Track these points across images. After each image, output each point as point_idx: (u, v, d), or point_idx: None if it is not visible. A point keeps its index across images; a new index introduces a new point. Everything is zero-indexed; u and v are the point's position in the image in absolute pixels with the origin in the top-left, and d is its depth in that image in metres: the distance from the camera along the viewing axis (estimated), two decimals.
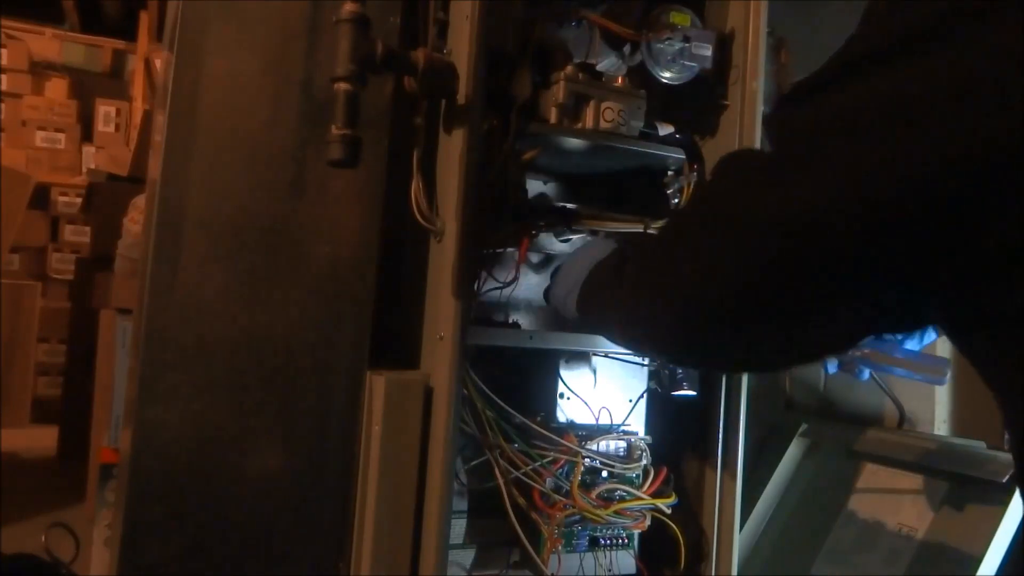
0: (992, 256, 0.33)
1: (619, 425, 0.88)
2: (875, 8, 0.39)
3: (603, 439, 0.85)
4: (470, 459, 0.83)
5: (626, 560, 0.86)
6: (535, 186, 0.93)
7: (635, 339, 0.58)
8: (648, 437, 0.88)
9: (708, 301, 0.44)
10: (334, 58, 0.67)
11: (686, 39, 0.85)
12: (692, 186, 0.86)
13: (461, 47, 0.76)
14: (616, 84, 0.85)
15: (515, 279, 0.85)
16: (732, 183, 0.46)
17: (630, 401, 0.90)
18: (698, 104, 0.92)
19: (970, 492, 0.89)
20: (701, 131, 0.92)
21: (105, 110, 3.61)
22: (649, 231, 0.85)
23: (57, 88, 3.63)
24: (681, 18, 0.85)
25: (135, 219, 1.58)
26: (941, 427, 1.07)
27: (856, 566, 0.94)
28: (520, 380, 0.87)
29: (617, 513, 0.82)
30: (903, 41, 0.35)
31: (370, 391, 0.77)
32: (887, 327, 0.52)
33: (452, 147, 0.77)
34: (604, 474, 0.84)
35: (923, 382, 0.84)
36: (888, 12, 0.38)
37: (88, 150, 3.55)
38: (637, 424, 0.90)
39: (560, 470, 0.81)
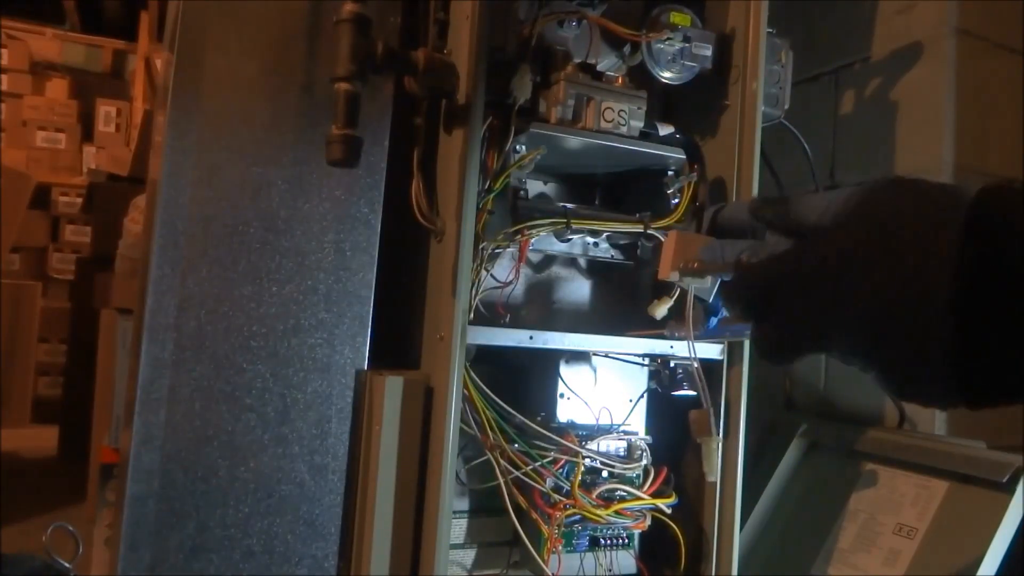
0: None
1: (619, 425, 0.88)
2: None
3: (603, 439, 0.85)
4: (470, 459, 0.83)
5: (626, 560, 0.86)
6: (535, 186, 0.93)
7: None
8: (648, 437, 0.88)
9: None
10: (334, 58, 0.67)
11: (686, 39, 0.86)
12: (692, 186, 0.87)
13: (461, 47, 0.76)
14: (616, 84, 0.85)
15: (515, 279, 0.85)
16: None
17: (630, 401, 0.90)
18: (698, 104, 0.92)
19: (970, 492, 0.89)
20: (701, 131, 0.92)
21: (106, 110, 3.61)
22: (649, 231, 0.85)
23: (58, 88, 3.64)
24: (681, 18, 0.86)
25: (135, 219, 1.58)
26: (941, 427, 1.07)
27: (856, 566, 0.94)
28: (520, 380, 0.87)
29: (617, 513, 0.82)
30: None
31: (370, 391, 0.77)
32: None
33: (452, 147, 0.77)
34: (604, 474, 0.84)
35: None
36: None
37: (89, 150, 3.56)
38: (637, 424, 0.90)
39: (560, 470, 0.81)
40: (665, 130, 0.87)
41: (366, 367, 0.79)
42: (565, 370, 0.87)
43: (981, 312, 0.33)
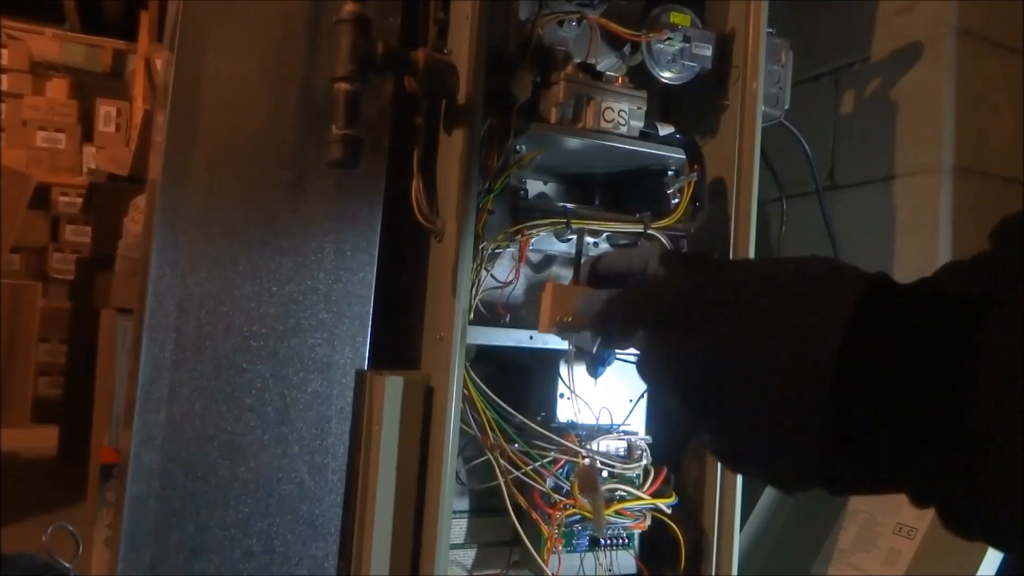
0: None
1: (619, 425, 0.88)
2: None
3: (603, 439, 0.85)
4: (470, 459, 0.83)
5: (626, 560, 0.86)
6: (535, 186, 0.93)
7: None
8: (648, 437, 0.88)
9: None
10: (334, 58, 0.67)
11: (686, 39, 0.86)
12: (692, 186, 0.87)
13: (461, 47, 0.76)
14: (616, 84, 0.85)
15: (515, 279, 0.85)
16: None
17: (630, 401, 0.90)
18: (698, 104, 0.92)
19: None
20: (701, 131, 0.92)
21: (106, 110, 3.62)
22: (649, 231, 0.85)
23: (58, 88, 3.64)
24: (681, 18, 0.86)
25: (135, 219, 1.58)
26: None
27: (856, 566, 0.94)
28: (520, 380, 0.87)
29: (617, 513, 0.82)
30: None
31: (370, 391, 0.77)
32: None
33: (452, 147, 0.77)
34: (604, 474, 0.84)
35: None
36: None
37: (89, 150, 3.56)
38: (637, 424, 0.90)
39: (560, 470, 0.81)
40: (665, 130, 0.87)
41: (366, 367, 0.79)
42: (565, 370, 0.87)
43: (854, 399, 0.32)
